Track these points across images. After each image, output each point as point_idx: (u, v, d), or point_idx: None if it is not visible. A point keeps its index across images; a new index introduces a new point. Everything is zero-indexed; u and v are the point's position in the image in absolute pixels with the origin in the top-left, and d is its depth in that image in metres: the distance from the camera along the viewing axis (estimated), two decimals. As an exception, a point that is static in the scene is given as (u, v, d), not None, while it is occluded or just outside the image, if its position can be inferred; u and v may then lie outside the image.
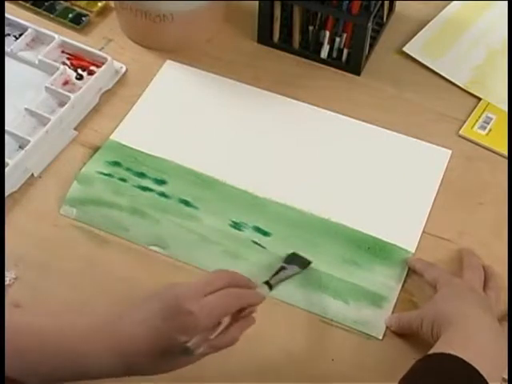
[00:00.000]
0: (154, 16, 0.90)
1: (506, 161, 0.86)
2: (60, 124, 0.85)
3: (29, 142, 0.82)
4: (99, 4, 0.99)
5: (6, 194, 0.80)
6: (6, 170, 0.79)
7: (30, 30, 0.94)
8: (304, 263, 0.75)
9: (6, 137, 0.83)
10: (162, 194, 0.81)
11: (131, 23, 0.95)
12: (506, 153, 0.86)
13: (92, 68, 0.92)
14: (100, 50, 0.94)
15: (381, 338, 0.72)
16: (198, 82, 0.92)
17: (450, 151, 0.86)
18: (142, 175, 0.82)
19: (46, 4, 0.99)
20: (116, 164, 0.83)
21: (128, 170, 0.83)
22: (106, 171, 0.82)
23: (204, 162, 0.84)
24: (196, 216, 0.79)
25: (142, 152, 0.84)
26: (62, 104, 0.87)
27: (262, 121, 0.89)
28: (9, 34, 0.94)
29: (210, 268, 0.74)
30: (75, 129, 0.87)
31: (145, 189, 0.81)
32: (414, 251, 0.77)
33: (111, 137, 0.86)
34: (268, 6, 0.92)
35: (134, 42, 0.96)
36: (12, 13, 0.96)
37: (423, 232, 0.79)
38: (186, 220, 0.79)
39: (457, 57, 0.95)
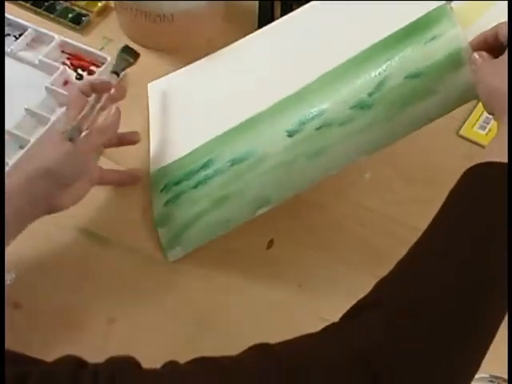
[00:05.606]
0: (154, 16, 0.91)
1: (506, 161, 0.86)
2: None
3: (29, 141, 0.82)
4: (99, 4, 1.00)
5: (6, 194, 0.80)
6: (6, 169, 0.79)
7: (29, 30, 0.94)
8: (135, 55, 0.83)
9: (6, 137, 0.83)
10: (218, 171, 0.77)
11: (131, 23, 0.95)
12: (505, 153, 0.86)
13: (92, 68, 0.92)
14: (100, 50, 0.94)
15: None
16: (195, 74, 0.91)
17: None
18: (191, 174, 0.78)
19: (46, 4, 0.99)
20: (170, 185, 0.80)
21: (181, 181, 0.79)
22: (168, 197, 0.79)
23: (230, 118, 0.80)
24: (260, 158, 0.75)
25: (180, 157, 0.81)
26: (62, 104, 0.87)
27: (260, 55, 0.86)
28: (9, 34, 0.95)
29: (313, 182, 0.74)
30: (75, 129, 0.87)
31: (203, 181, 0.77)
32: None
33: (151, 168, 0.83)
34: (268, 5, 0.92)
35: (134, 42, 0.96)
36: (12, 13, 0.96)
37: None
38: (255, 169, 0.75)
39: (457, 57, 0.95)
